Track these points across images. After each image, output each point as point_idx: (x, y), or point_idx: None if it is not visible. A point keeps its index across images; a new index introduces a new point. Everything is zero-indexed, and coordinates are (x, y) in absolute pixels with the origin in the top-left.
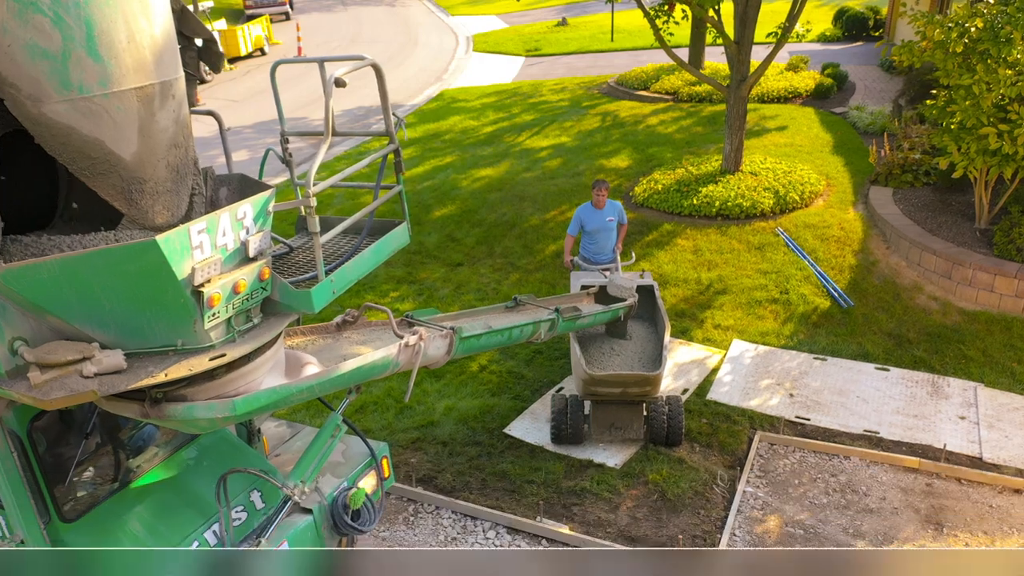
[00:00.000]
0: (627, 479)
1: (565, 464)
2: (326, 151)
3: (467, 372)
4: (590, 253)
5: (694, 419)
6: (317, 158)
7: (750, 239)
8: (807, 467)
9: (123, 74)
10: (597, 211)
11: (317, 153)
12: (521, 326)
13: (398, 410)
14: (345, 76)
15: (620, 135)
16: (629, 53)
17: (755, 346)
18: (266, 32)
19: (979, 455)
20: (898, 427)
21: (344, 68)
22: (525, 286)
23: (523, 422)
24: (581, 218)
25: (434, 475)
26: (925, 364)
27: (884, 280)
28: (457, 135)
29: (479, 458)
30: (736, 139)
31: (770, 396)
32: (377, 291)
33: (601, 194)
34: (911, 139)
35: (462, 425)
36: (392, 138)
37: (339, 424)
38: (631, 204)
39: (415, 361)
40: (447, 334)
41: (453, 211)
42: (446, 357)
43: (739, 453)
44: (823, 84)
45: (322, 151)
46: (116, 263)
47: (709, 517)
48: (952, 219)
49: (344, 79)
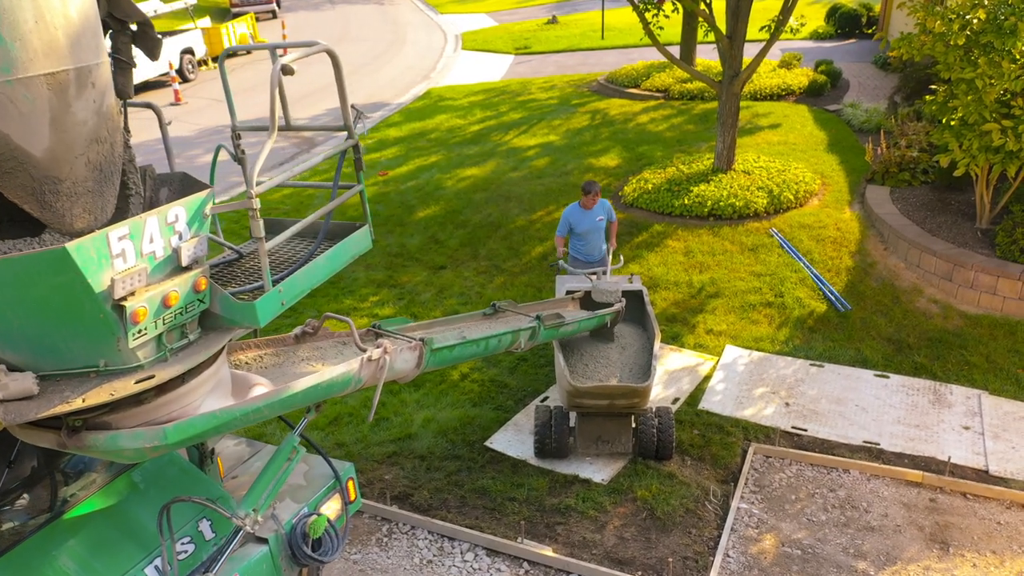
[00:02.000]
0: (614, 496)
1: (549, 480)
2: (271, 147)
3: (448, 381)
4: (581, 254)
5: (685, 430)
6: (261, 155)
7: (743, 240)
8: (804, 481)
9: (30, 58)
10: (586, 211)
11: (261, 150)
12: (499, 335)
13: (374, 422)
14: (295, 64)
15: (609, 133)
16: (620, 51)
17: (749, 352)
18: (251, 30)
19: (985, 467)
20: (899, 438)
21: (294, 54)
22: (510, 289)
23: (505, 434)
24: (570, 220)
25: (410, 492)
26: (926, 371)
27: (882, 282)
28: (443, 134)
29: (458, 473)
30: (728, 137)
31: (765, 405)
32: (356, 295)
33: (594, 198)
34: (908, 136)
35: (441, 438)
36: (350, 133)
37: (296, 445)
38: (620, 204)
39: (380, 376)
40: (416, 346)
41: (437, 212)
42: (416, 371)
43: (733, 466)
44: (817, 81)
45: (267, 147)
46: (23, 274)
47: (701, 536)
48: (952, 219)
49: (292, 67)
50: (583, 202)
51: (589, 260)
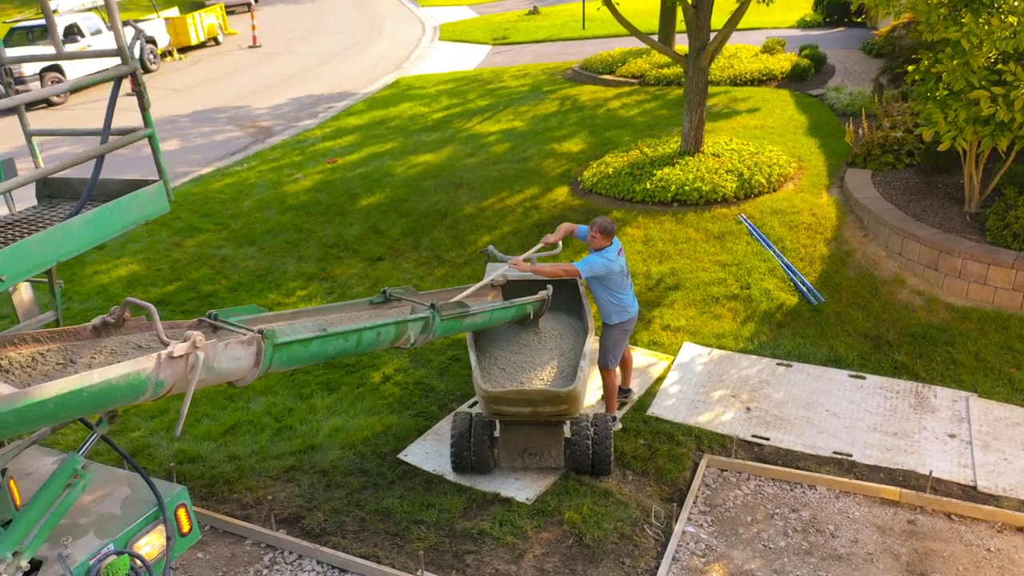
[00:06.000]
0: (538, 518)
1: (465, 499)
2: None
3: (367, 384)
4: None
5: (629, 440)
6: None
7: (709, 227)
8: (763, 499)
9: None
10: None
11: None
12: (377, 327)
13: (275, 431)
14: None
15: (577, 119)
16: (601, 40)
17: (709, 350)
18: (220, 21)
19: (973, 483)
20: (875, 448)
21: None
22: (451, 282)
23: (423, 445)
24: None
25: (303, 514)
26: (908, 370)
27: (860, 272)
28: (404, 121)
29: (362, 491)
30: (696, 116)
31: (723, 410)
32: (282, 289)
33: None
34: (892, 117)
35: (349, 449)
36: (125, 58)
37: (79, 468)
38: (579, 190)
39: (192, 379)
40: (252, 339)
41: (381, 200)
42: (255, 371)
43: (681, 482)
44: (800, 66)
45: None
46: None
47: (636, 568)
48: (938, 202)
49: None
50: (595, 244)
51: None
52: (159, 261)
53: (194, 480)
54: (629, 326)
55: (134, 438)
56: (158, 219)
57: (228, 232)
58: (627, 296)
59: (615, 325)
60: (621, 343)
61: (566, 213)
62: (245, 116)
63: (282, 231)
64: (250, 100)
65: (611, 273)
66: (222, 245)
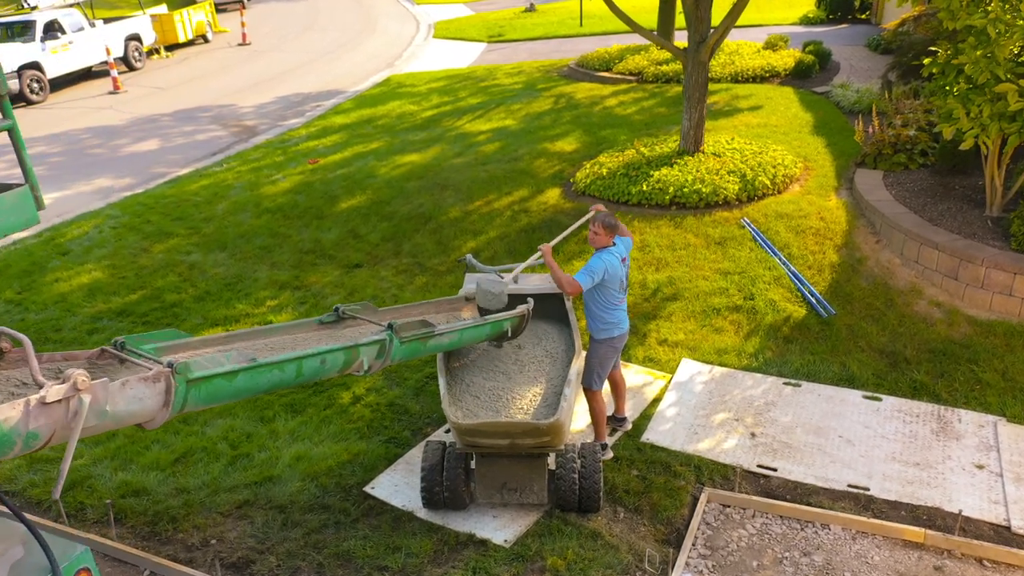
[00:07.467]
0: (517, 564)
1: (436, 540)
2: None
3: (335, 404)
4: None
5: (622, 470)
6: None
7: (709, 232)
8: (771, 541)
9: None
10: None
11: None
12: (322, 354)
13: (230, 459)
14: None
15: (572, 117)
16: (598, 38)
17: (709, 367)
18: (209, 18)
19: (1006, 522)
20: (894, 480)
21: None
22: (432, 291)
23: (393, 476)
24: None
25: (253, 558)
26: (928, 391)
27: (874, 281)
28: (392, 120)
29: (322, 531)
30: (695, 113)
31: (725, 436)
32: (252, 299)
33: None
34: (904, 115)
35: (310, 481)
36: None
37: None
38: (571, 192)
39: (74, 427)
40: (159, 375)
41: (362, 202)
42: (164, 411)
43: (678, 521)
44: (804, 62)
45: None
46: None
47: None
48: (957, 205)
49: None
50: (597, 240)
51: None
52: (124, 268)
53: (136, 517)
54: (619, 343)
55: (75, 467)
56: (127, 223)
57: (199, 237)
58: (619, 311)
59: (603, 340)
60: (608, 361)
61: (557, 216)
62: (229, 115)
63: (256, 236)
64: (236, 99)
65: (610, 278)
66: (191, 251)
